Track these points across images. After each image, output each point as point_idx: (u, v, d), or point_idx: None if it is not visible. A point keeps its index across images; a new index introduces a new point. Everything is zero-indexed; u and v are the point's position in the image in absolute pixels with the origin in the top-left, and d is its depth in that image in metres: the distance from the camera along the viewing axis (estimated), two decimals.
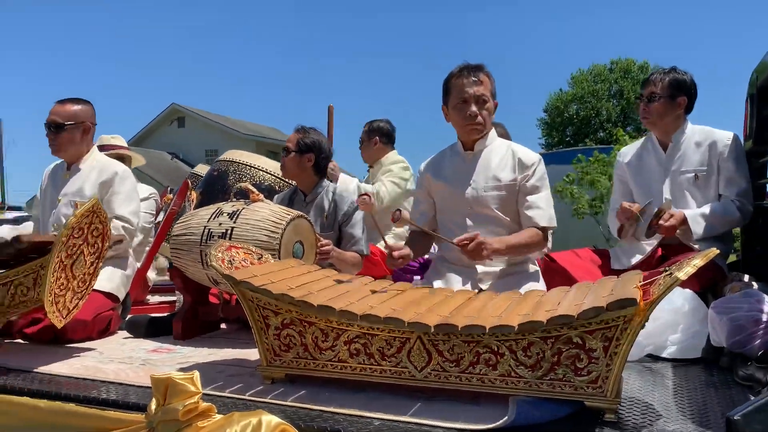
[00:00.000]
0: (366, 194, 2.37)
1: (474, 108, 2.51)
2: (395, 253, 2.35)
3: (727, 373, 1.89)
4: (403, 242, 3.02)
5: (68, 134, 2.93)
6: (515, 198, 2.56)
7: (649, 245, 2.72)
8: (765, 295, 1.96)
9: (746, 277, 2.43)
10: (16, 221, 3.79)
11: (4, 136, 21.72)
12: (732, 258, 3.08)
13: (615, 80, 34.62)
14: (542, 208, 2.54)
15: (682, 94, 2.75)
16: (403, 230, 3.89)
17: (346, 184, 3.81)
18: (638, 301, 1.41)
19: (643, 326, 1.46)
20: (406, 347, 1.63)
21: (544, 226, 2.54)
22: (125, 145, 4.25)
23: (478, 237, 2.34)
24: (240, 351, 2.30)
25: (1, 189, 20.69)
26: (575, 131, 35.12)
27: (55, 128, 2.92)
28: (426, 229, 2.57)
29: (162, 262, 3.79)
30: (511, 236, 2.50)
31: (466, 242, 2.34)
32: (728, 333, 1.91)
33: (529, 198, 2.54)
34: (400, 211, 2.28)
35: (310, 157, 2.96)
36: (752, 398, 1.34)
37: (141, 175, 3.49)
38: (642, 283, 1.56)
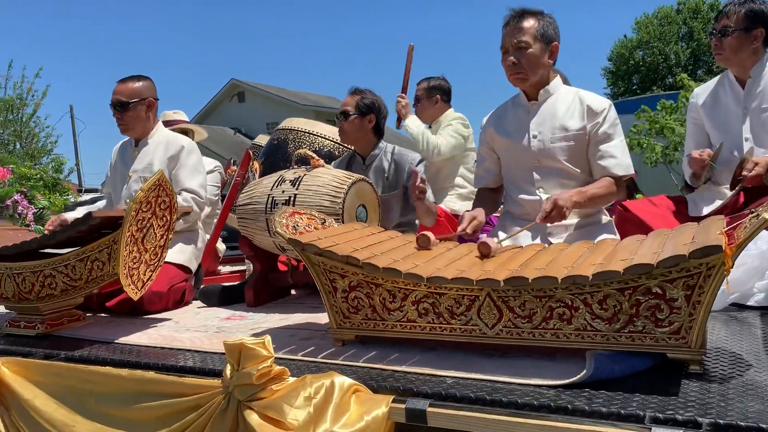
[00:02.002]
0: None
1: (512, 57, 2.41)
2: (468, 230, 2.28)
3: None
4: (469, 201, 2.97)
5: (133, 112, 2.99)
6: (585, 148, 2.44)
7: (728, 189, 2.57)
8: None
9: None
10: (93, 201, 3.93)
11: (76, 120, 22.57)
12: None
13: (683, 21, 32.86)
14: (617, 157, 2.42)
15: (758, 25, 2.56)
16: (468, 190, 3.82)
17: (417, 123, 3.75)
18: (723, 247, 1.32)
19: (728, 274, 1.38)
20: (475, 305, 1.59)
21: (621, 175, 2.42)
22: (187, 119, 4.32)
23: (557, 203, 2.20)
24: (310, 315, 2.32)
25: (78, 172, 21.62)
26: (642, 79, 33.73)
27: (120, 107, 2.98)
28: (506, 237, 2.34)
29: (220, 247, 3.84)
30: (587, 187, 2.39)
31: (546, 216, 2.21)
32: None
33: (601, 147, 2.41)
34: (426, 237, 2.07)
35: (371, 119, 2.93)
36: None
37: (205, 151, 3.57)
38: (726, 228, 1.46)
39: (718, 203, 2.54)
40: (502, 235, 2.52)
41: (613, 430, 1.20)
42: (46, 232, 2.86)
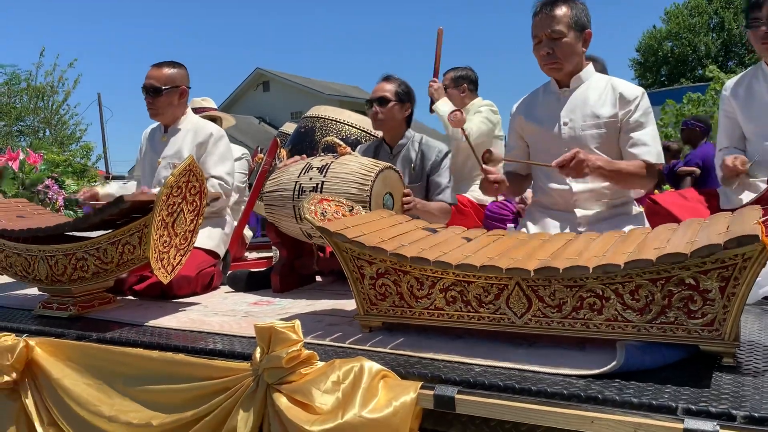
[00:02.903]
0: (458, 109, 2.31)
1: (545, 47, 2.38)
2: (491, 177, 2.27)
3: None
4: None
5: (166, 98, 3.02)
6: (617, 136, 2.41)
7: (763, 182, 2.52)
8: None
9: None
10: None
11: (103, 109, 22.85)
12: None
13: (714, 11, 32.16)
14: (649, 144, 2.38)
15: None
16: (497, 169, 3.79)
17: (448, 106, 3.73)
18: (760, 237, 1.30)
19: (764, 265, 1.35)
20: (504, 294, 1.58)
21: (653, 162, 2.38)
22: (215, 107, 4.35)
23: (578, 154, 2.18)
24: (336, 302, 2.33)
25: (105, 159, 21.91)
26: (670, 70, 33.16)
27: (153, 92, 3.01)
28: (521, 161, 2.40)
29: (247, 233, 3.87)
30: (618, 161, 2.35)
31: (564, 163, 2.20)
32: None
33: (633, 135, 2.38)
34: (490, 152, 2.18)
35: (407, 107, 2.94)
36: None
37: (230, 139, 3.61)
38: (763, 218, 1.44)
39: (751, 196, 2.49)
40: (530, 225, 2.51)
41: (645, 421, 1.19)
42: (77, 198, 2.91)
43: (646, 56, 33.62)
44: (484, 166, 2.28)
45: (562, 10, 2.36)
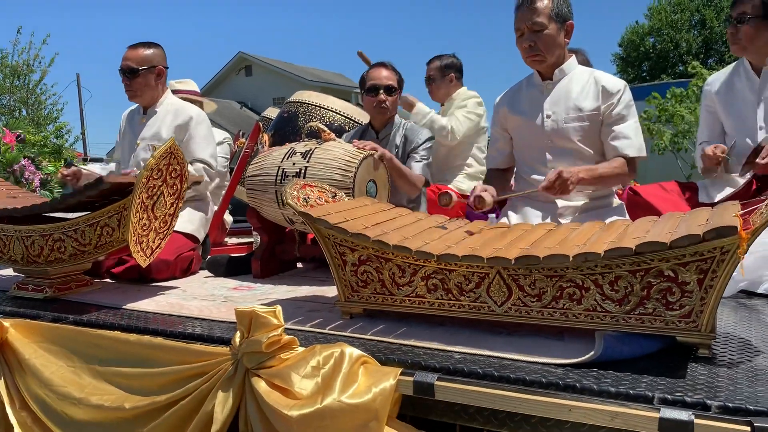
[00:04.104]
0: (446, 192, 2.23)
1: (527, 39, 2.38)
2: (482, 193, 2.24)
3: None
4: (478, 182, 2.94)
5: (143, 79, 2.98)
6: (599, 129, 2.43)
7: (741, 178, 2.55)
8: None
9: None
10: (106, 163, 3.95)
11: (82, 89, 22.49)
12: None
13: (696, 9, 32.46)
14: (630, 138, 2.40)
15: None
16: (475, 170, 3.80)
17: (422, 112, 3.72)
18: (738, 230, 1.31)
19: (741, 259, 1.37)
20: (485, 282, 1.59)
21: (633, 156, 2.40)
22: (196, 89, 4.30)
23: (561, 174, 2.20)
24: (317, 288, 2.33)
25: (83, 141, 21.58)
26: (652, 66, 33.42)
27: (130, 73, 2.97)
28: (503, 197, 2.35)
29: (227, 219, 3.84)
30: (598, 165, 2.38)
31: (549, 185, 2.20)
32: None
33: (615, 128, 2.39)
34: (450, 195, 2.09)
35: (400, 93, 2.94)
36: None
37: (212, 124, 3.58)
38: (741, 212, 1.46)
39: (729, 190, 2.53)
40: (512, 215, 2.52)
41: (622, 410, 1.20)
42: (59, 176, 2.87)
43: (629, 51, 33.82)
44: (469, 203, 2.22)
45: (543, 2, 2.36)
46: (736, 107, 2.69)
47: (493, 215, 2.78)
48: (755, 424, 1.10)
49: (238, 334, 1.53)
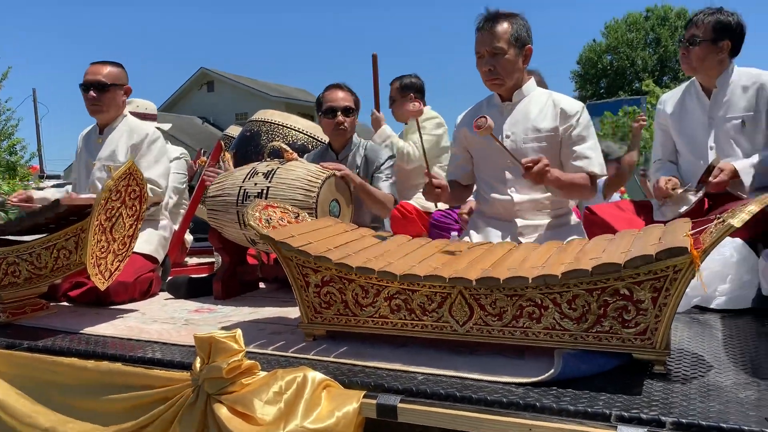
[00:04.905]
0: (417, 100, 2.34)
1: (487, 64, 2.43)
2: (434, 182, 2.30)
3: None
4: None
5: (112, 94, 2.96)
6: (557, 149, 2.48)
7: (694, 197, 2.63)
8: None
9: None
10: (60, 186, 3.85)
11: (39, 105, 21.99)
12: None
13: (651, 28, 33.51)
14: (591, 157, 2.46)
15: (725, 37, 2.60)
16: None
17: (383, 135, 3.74)
18: (689, 249, 1.36)
19: (693, 276, 1.41)
20: (447, 302, 1.61)
21: (597, 173, 2.47)
22: (155, 113, 4.25)
23: (543, 159, 2.25)
24: (280, 309, 2.31)
25: (39, 157, 21.08)
26: (609, 83, 34.32)
27: (99, 88, 2.92)
28: (499, 141, 2.35)
29: (187, 238, 3.78)
30: (568, 173, 2.43)
31: (531, 164, 2.24)
32: None
33: (576, 148, 2.45)
34: (485, 118, 2.17)
35: (357, 114, 2.96)
36: None
37: (172, 140, 3.55)
38: (692, 231, 1.50)
39: (683, 209, 2.60)
40: (474, 234, 2.56)
41: (581, 428, 1.23)
42: (8, 203, 2.80)
43: (587, 68, 34.68)
44: (430, 173, 2.30)
45: (503, 27, 2.41)
46: (688, 127, 2.78)
47: (455, 233, 2.81)
48: None
49: (198, 359, 1.51)
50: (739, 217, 1.35)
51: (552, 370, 1.43)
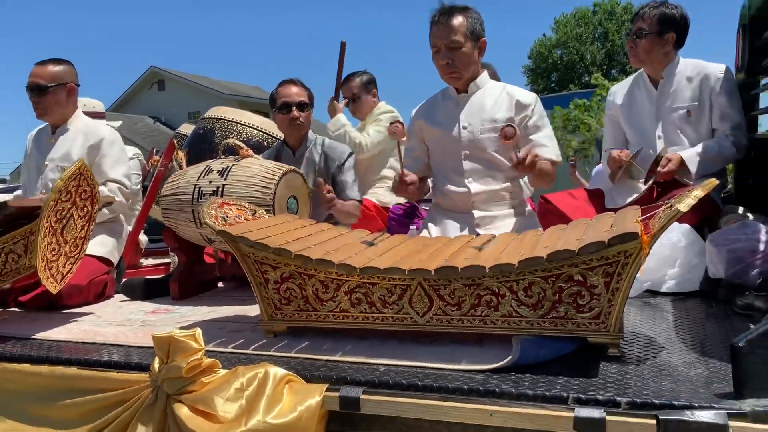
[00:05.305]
0: (398, 121, 2.37)
1: (444, 57, 2.46)
2: (406, 178, 2.32)
3: (725, 305, 1.90)
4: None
5: (53, 96, 2.85)
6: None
7: (643, 184, 2.70)
8: (761, 225, 1.97)
9: (741, 209, 2.44)
10: (6, 192, 3.73)
11: None
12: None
13: (599, 22, 34.26)
14: (548, 146, 2.54)
15: (670, 30, 2.69)
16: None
17: (338, 123, 3.74)
18: (639, 234, 1.40)
19: (643, 260, 1.46)
20: (407, 294, 1.62)
21: (555, 161, 2.53)
22: (103, 111, 4.15)
23: (530, 149, 2.32)
24: (239, 307, 2.29)
25: None
26: (560, 77, 34.97)
27: (38, 91, 2.83)
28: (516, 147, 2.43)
29: (142, 239, 3.71)
30: (542, 162, 2.49)
31: (523, 157, 2.31)
32: (726, 264, 1.92)
33: (533, 137, 2.51)
34: (513, 128, 2.27)
35: (311, 109, 2.94)
36: (752, 326, 1.35)
37: (124, 141, 3.46)
38: (641, 217, 1.55)
39: (633, 196, 2.67)
40: (432, 227, 2.58)
41: (540, 411, 1.26)
42: None
43: (538, 63, 35.29)
44: (402, 168, 2.34)
45: (458, 20, 2.44)
46: (636, 117, 2.86)
47: (414, 227, 2.84)
48: (660, 417, 1.18)
49: (156, 360, 1.49)
50: (686, 202, 1.39)
51: (510, 357, 1.46)
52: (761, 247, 1.88)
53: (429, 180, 2.83)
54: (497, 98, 2.54)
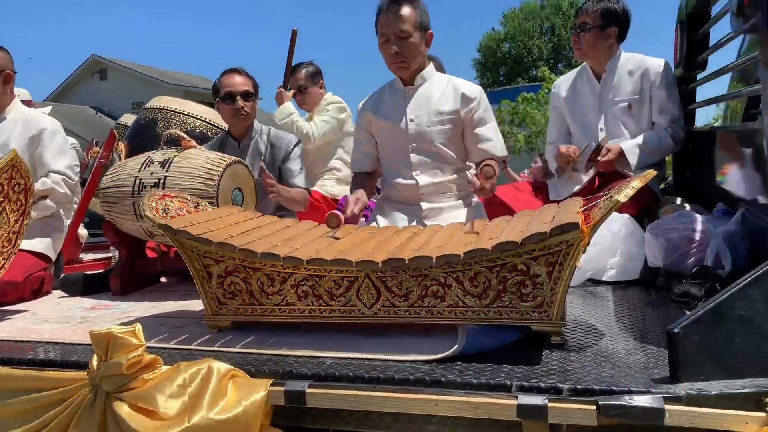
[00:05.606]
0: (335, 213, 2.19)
1: (394, 46, 2.45)
2: (356, 211, 2.29)
3: (664, 292, 1.97)
4: (346, 185, 2.97)
5: None
6: (460, 132, 2.54)
7: (586, 176, 2.77)
8: (697, 215, 2.04)
9: (678, 200, 2.52)
10: None
11: None
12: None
13: (546, 17, 34.86)
14: (493, 139, 2.55)
15: (613, 24, 2.75)
16: (345, 174, 3.82)
17: (285, 112, 3.69)
18: (580, 225, 1.43)
19: (584, 251, 1.49)
20: (354, 286, 1.61)
21: (499, 156, 2.54)
22: (30, 98, 3.99)
23: (491, 179, 2.23)
24: (182, 303, 2.24)
25: None
26: (508, 71, 35.47)
27: None
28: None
29: (82, 233, 3.59)
30: (488, 168, 2.45)
31: (483, 185, 2.18)
32: (664, 253, 1.98)
33: (478, 131, 2.52)
34: (338, 217, 1.97)
35: (257, 98, 2.89)
36: (688, 313, 1.40)
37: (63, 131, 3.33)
38: (582, 208, 1.58)
39: (576, 188, 2.73)
40: (380, 219, 2.58)
41: (484, 400, 1.27)
42: None
43: (487, 56, 35.69)
44: (347, 210, 2.24)
45: (407, 11, 2.43)
46: (580, 110, 2.92)
47: (363, 219, 2.83)
48: (600, 403, 1.21)
49: (95, 357, 1.44)
50: (625, 192, 1.42)
51: (456, 346, 1.47)
52: (697, 236, 1.95)
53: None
54: (443, 91, 2.55)
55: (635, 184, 1.46)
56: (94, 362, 1.44)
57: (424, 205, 2.55)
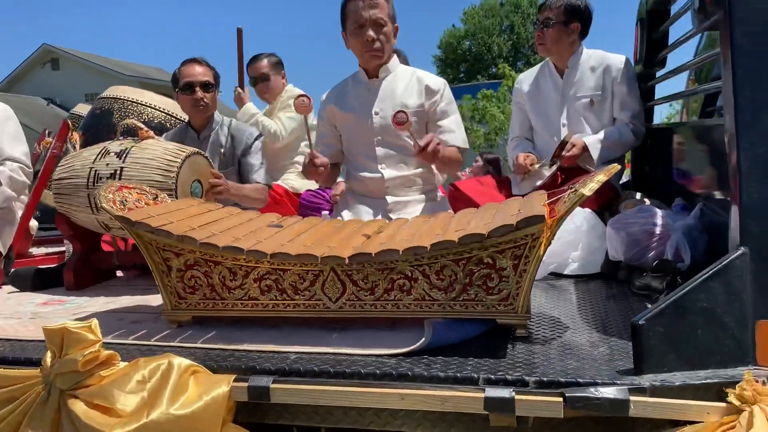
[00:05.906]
0: (304, 95, 2.33)
1: (371, 33, 2.43)
2: (317, 161, 2.31)
3: (625, 285, 1.99)
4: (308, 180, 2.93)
5: None
6: (424, 125, 2.54)
7: (548, 170, 2.79)
8: (657, 210, 2.07)
9: (638, 195, 2.56)
10: None
11: None
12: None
13: (506, 15, 35.21)
14: (455, 131, 2.56)
15: (575, 19, 2.78)
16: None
17: (248, 113, 3.63)
18: (546, 217, 1.43)
19: (549, 244, 1.50)
20: (319, 280, 1.59)
21: (461, 147, 2.55)
22: None
23: (433, 137, 2.34)
24: (140, 297, 2.18)
25: None
26: (468, 68, 35.71)
27: None
28: (411, 134, 2.37)
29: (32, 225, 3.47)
30: (447, 149, 2.49)
31: (425, 145, 2.30)
32: (625, 247, 2.01)
33: (441, 123, 2.53)
34: (405, 113, 2.26)
35: (217, 89, 2.82)
36: (649, 306, 1.42)
37: None
38: (547, 201, 1.59)
39: (539, 183, 2.75)
40: (345, 212, 2.56)
41: (451, 393, 1.26)
42: None
43: (447, 53, 35.88)
44: (312, 150, 2.30)
45: (383, 1, 2.42)
46: (542, 105, 2.94)
47: (326, 212, 2.80)
48: (566, 394, 1.21)
49: (48, 354, 1.39)
50: (589, 186, 1.43)
51: (423, 340, 1.46)
52: (657, 230, 1.98)
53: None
54: (408, 83, 2.54)
55: (600, 177, 1.47)
56: (48, 359, 1.39)
57: (390, 199, 2.53)
